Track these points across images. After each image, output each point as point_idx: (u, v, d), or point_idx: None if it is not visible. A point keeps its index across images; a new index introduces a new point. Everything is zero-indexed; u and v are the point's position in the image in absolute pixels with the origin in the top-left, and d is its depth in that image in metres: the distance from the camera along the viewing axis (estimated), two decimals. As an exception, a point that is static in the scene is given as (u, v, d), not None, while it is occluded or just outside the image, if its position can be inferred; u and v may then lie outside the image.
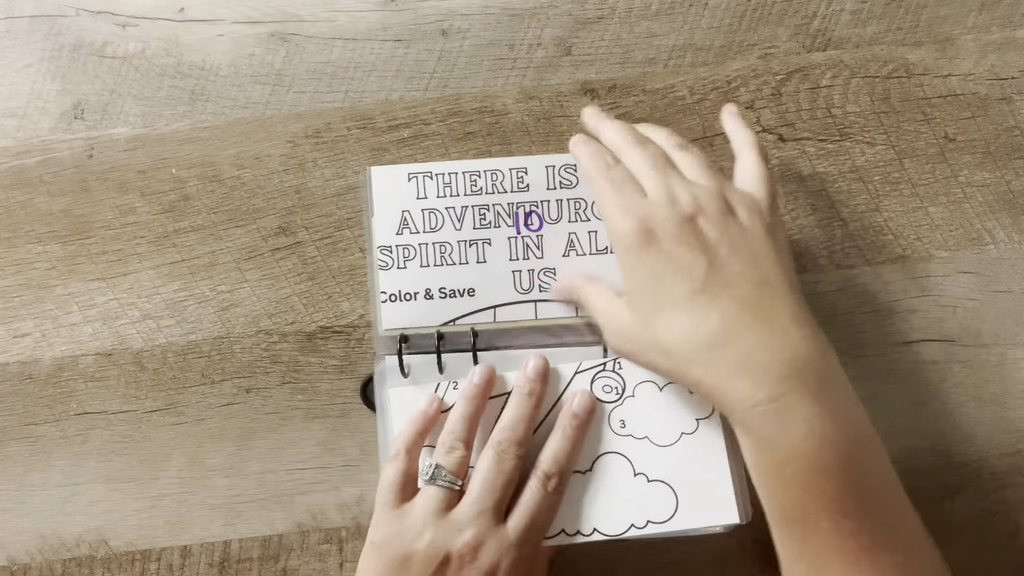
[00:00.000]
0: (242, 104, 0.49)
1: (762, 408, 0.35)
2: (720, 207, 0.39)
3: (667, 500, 0.41)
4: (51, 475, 0.46)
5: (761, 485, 0.37)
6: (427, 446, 0.42)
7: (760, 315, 0.36)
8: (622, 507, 0.41)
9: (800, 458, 0.34)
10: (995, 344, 0.48)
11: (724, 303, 0.36)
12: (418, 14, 0.50)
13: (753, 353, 0.35)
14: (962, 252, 0.49)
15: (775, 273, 0.37)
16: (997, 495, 0.46)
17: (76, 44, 0.50)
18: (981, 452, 0.46)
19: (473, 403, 0.42)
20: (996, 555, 0.46)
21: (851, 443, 0.35)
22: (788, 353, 0.35)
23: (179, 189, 0.49)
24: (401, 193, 0.44)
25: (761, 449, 0.36)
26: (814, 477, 0.34)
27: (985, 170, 0.49)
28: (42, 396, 0.47)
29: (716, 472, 0.41)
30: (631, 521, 0.41)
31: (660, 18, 0.51)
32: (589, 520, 0.41)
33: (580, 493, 0.41)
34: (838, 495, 0.34)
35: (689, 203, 0.38)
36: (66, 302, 0.48)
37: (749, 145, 0.42)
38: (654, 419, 0.42)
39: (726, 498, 0.41)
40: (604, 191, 0.40)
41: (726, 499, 0.41)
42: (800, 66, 0.50)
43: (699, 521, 0.41)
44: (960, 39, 0.51)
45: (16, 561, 0.46)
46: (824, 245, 0.48)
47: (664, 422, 0.42)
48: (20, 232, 0.48)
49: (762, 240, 0.38)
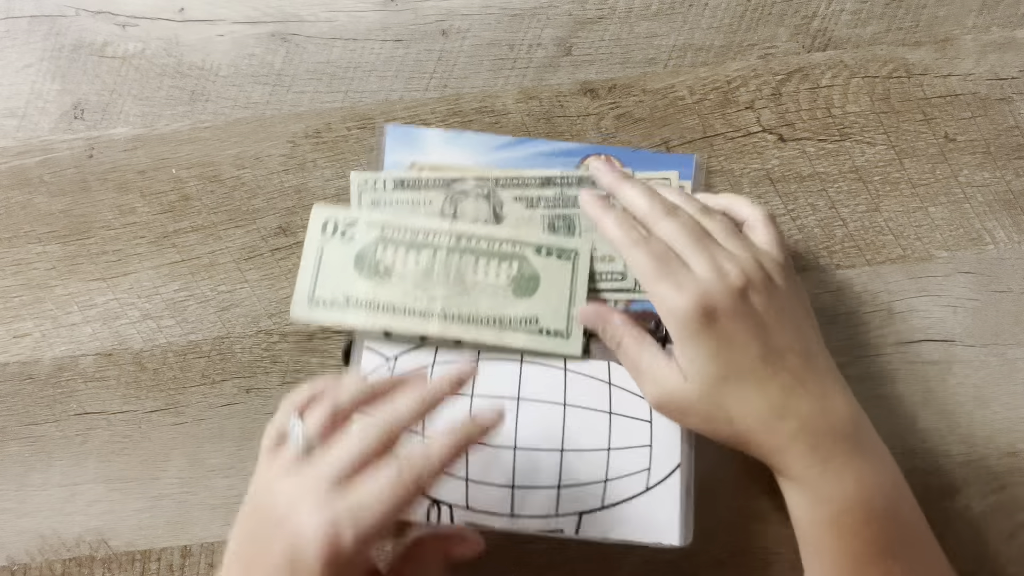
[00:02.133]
0: (242, 104, 0.49)
1: (820, 468, 0.38)
2: (763, 276, 0.41)
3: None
4: (51, 475, 0.46)
5: (812, 537, 0.39)
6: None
7: (811, 386, 0.39)
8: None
9: (854, 510, 0.38)
10: (995, 344, 0.48)
11: (782, 376, 0.39)
12: (418, 14, 0.50)
13: (810, 421, 0.39)
14: (962, 252, 0.49)
15: (814, 340, 0.41)
16: (997, 495, 0.46)
17: (76, 44, 0.50)
18: (981, 452, 0.46)
19: (383, 386, 0.40)
20: (996, 555, 0.45)
21: (894, 491, 0.39)
22: (837, 419, 0.39)
23: (179, 189, 0.49)
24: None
25: (816, 504, 0.39)
26: (866, 527, 0.38)
27: (985, 170, 0.49)
28: (42, 396, 0.47)
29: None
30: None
31: (660, 18, 0.51)
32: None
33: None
34: (888, 540, 0.38)
35: (738, 276, 0.40)
36: (66, 302, 0.48)
37: (751, 207, 0.44)
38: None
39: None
40: (649, 268, 0.41)
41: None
42: (800, 66, 0.50)
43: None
44: (960, 39, 0.51)
45: (16, 561, 0.46)
46: (824, 245, 0.48)
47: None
48: (20, 232, 0.48)
49: (798, 305, 0.42)
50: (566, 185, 0.46)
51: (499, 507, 0.42)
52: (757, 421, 0.39)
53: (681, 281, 0.40)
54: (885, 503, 0.38)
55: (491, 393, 0.44)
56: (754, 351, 0.39)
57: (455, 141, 0.47)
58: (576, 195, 0.46)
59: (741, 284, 0.40)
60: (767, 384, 0.39)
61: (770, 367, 0.39)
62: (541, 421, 0.43)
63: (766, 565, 0.45)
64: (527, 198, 0.46)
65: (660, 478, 0.43)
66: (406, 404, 0.37)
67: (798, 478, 0.39)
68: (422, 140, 0.47)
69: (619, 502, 0.42)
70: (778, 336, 0.40)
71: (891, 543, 0.38)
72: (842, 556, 0.38)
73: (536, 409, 0.43)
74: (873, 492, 0.38)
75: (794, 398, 0.39)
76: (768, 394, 0.39)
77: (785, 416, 0.39)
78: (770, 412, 0.39)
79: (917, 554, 0.39)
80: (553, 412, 0.43)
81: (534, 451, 0.43)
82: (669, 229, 0.42)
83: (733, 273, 0.40)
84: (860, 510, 0.38)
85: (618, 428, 0.43)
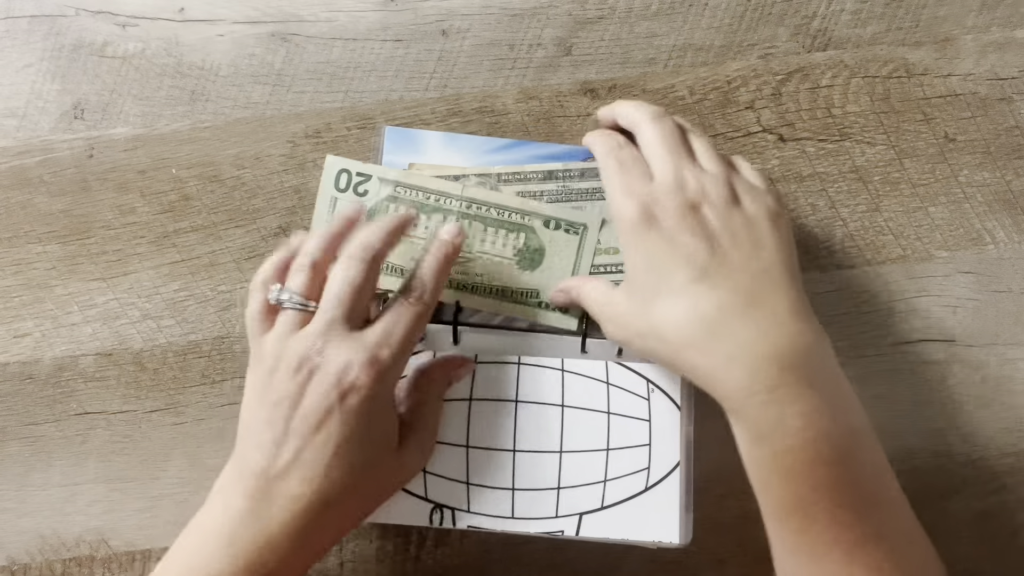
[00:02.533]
0: (242, 104, 0.49)
1: (760, 398, 0.35)
2: (726, 196, 0.39)
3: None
4: (51, 475, 0.46)
5: (757, 476, 0.37)
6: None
7: (758, 305, 0.36)
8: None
9: (798, 449, 0.35)
10: (995, 344, 0.48)
11: (722, 292, 0.36)
12: (418, 14, 0.50)
13: (750, 343, 0.35)
14: (962, 252, 0.49)
15: (776, 263, 0.38)
16: (997, 495, 0.46)
17: (76, 44, 0.50)
18: (981, 452, 0.46)
19: (340, 225, 0.41)
20: (996, 555, 0.45)
21: (848, 435, 0.35)
22: (786, 344, 0.35)
23: (179, 189, 0.49)
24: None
25: (758, 439, 0.36)
26: (812, 468, 0.35)
27: (985, 170, 0.49)
28: (42, 396, 0.47)
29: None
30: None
31: (660, 18, 0.51)
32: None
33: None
34: (835, 486, 0.35)
35: (695, 190, 0.39)
36: (66, 302, 0.48)
37: (742, 159, 0.43)
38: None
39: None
40: (611, 171, 0.41)
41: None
42: (800, 66, 0.50)
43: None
44: (960, 39, 0.51)
45: (16, 561, 0.46)
46: (824, 245, 0.48)
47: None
48: (20, 232, 0.48)
49: (766, 231, 0.38)
50: (568, 179, 0.46)
51: (500, 509, 0.42)
52: (690, 338, 0.36)
53: (634, 186, 0.39)
54: (836, 449, 0.35)
55: (489, 395, 0.44)
56: (698, 263, 0.37)
57: (453, 144, 0.47)
58: (578, 189, 0.46)
59: (695, 198, 0.38)
60: (702, 300, 0.36)
61: (709, 283, 0.37)
62: (540, 423, 0.43)
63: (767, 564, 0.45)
64: (529, 193, 0.46)
65: (659, 477, 0.43)
66: (373, 235, 0.40)
67: (739, 410, 0.36)
68: (420, 142, 0.47)
69: (619, 502, 0.42)
70: (730, 254, 0.37)
71: (841, 491, 0.35)
72: (787, 498, 0.35)
73: (534, 411, 0.43)
74: (821, 433, 0.35)
75: (734, 319, 0.36)
76: (704, 309, 0.36)
77: (720, 335, 0.36)
78: (704, 330, 0.36)
79: (874, 505, 0.35)
80: (551, 413, 0.43)
81: (533, 453, 0.43)
82: (650, 134, 0.41)
83: (692, 186, 0.39)
84: (804, 452, 0.35)
85: (617, 428, 0.43)
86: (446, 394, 0.44)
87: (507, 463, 0.43)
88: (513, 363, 0.44)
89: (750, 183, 0.40)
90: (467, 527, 0.42)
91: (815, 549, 0.35)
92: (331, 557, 0.46)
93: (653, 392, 0.44)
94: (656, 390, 0.44)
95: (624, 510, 0.42)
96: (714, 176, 0.39)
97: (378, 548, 0.46)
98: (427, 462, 0.43)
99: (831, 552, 0.35)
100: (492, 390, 0.44)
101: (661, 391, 0.44)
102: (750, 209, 0.39)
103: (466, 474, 0.43)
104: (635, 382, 0.44)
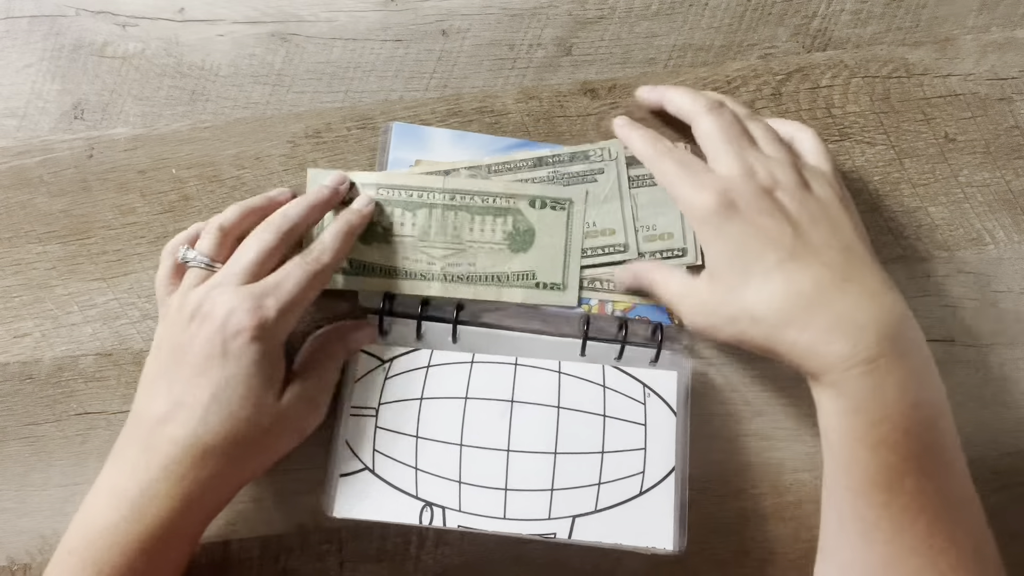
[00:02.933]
0: (242, 104, 0.49)
1: (860, 369, 0.35)
2: (796, 180, 0.40)
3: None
4: (51, 475, 0.46)
5: (845, 449, 0.36)
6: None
7: (851, 279, 0.37)
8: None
9: (892, 419, 0.35)
10: (995, 344, 0.48)
11: (815, 268, 0.37)
12: (418, 14, 0.50)
13: (850, 314, 0.36)
14: (962, 252, 0.49)
15: (856, 241, 0.39)
16: (997, 495, 0.46)
17: (76, 44, 0.50)
18: (981, 452, 0.46)
19: (260, 201, 0.44)
20: (996, 555, 0.45)
21: (934, 407, 0.36)
22: (883, 315, 0.36)
23: (179, 189, 0.49)
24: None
25: (853, 411, 0.36)
26: (904, 439, 0.35)
27: (985, 170, 0.49)
28: (42, 396, 0.47)
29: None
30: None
31: (660, 18, 0.51)
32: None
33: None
34: (924, 455, 0.35)
35: (766, 176, 0.39)
36: (66, 302, 0.48)
37: (801, 128, 0.44)
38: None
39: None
40: (672, 173, 0.41)
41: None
42: (800, 66, 0.50)
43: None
44: (960, 39, 0.51)
45: (16, 561, 0.46)
46: (824, 245, 0.48)
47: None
48: (20, 232, 0.48)
49: (839, 211, 0.39)
50: (559, 163, 0.46)
51: (492, 510, 0.42)
52: (787, 315, 0.36)
53: (703, 180, 0.40)
54: (924, 420, 0.35)
55: (485, 395, 0.44)
56: (785, 244, 0.37)
57: (460, 141, 0.48)
58: (569, 172, 0.46)
59: (768, 184, 0.39)
60: (797, 276, 0.37)
61: (801, 261, 0.37)
62: (535, 424, 0.43)
63: (768, 565, 0.45)
64: (520, 181, 0.46)
65: (654, 482, 0.42)
66: (294, 208, 0.42)
67: (836, 383, 0.36)
68: (427, 139, 0.48)
69: (613, 506, 0.42)
70: (812, 234, 0.38)
71: (928, 460, 0.36)
72: (876, 469, 0.35)
73: (530, 412, 0.43)
74: (918, 401, 0.35)
75: (831, 291, 0.36)
76: (799, 286, 0.37)
77: (818, 309, 0.36)
78: (801, 305, 0.36)
79: (953, 475, 0.36)
80: (547, 415, 0.43)
81: (528, 454, 0.43)
82: (708, 126, 0.42)
83: (762, 173, 0.39)
84: (902, 419, 0.35)
85: (612, 431, 0.43)
86: (441, 392, 0.44)
87: (501, 463, 0.43)
88: (511, 363, 0.44)
89: (813, 167, 0.41)
90: (458, 526, 0.42)
91: (901, 518, 0.35)
92: (331, 557, 0.46)
93: (649, 397, 0.44)
94: (652, 395, 0.44)
95: (618, 514, 0.42)
96: (779, 161, 0.40)
97: (378, 548, 0.46)
98: (316, 421, 0.42)
99: (916, 522, 0.35)
100: (488, 390, 0.44)
101: (657, 396, 0.44)
102: (820, 192, 0.40)
103: (459, 473, 0.43)
104: (632, 386, 0.44)
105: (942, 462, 0.36)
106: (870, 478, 0.36)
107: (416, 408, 0.43)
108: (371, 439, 0.43)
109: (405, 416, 0.43)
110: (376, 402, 0.44)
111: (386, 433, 0.43)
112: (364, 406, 0.44)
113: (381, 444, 0.43)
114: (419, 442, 0.43)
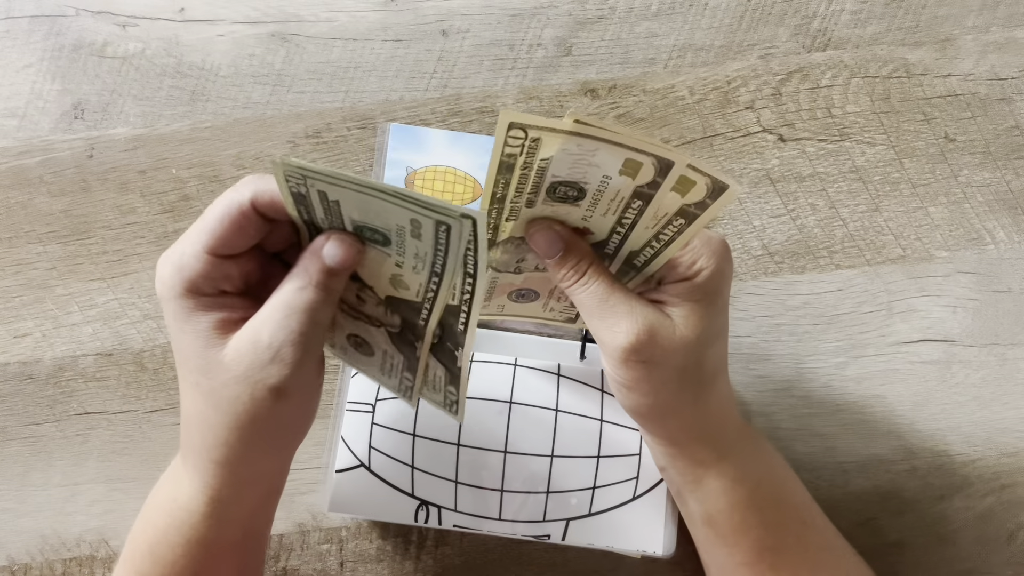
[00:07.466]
0: (242, 104, 0.49)
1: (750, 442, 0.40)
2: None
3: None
4: (51, 475, 0.46)
5: (735, 522, 0.39)
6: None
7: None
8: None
9: (779, 481, 0.40)
10: (995, 344, 0.48)
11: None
12: (418, 14, 0.50)
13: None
14: (962, 252, 0.49)
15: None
16: (997, 495, 0.46)
17: (76, 44, 0.50)
18: (981, 452, 0.47)
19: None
20: (996, 555, 0.45)
21: (782, 468, 0.41)
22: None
23: (179, 189, 0.49)
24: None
25: (738, 481, 0.39)
26: (786, 495, 0.40)
27: (985, 170, 0.49)
28: (42, 396, 0.47)
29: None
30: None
31: (660, 18, 0.51)
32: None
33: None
34: (802, 506, 0.40)
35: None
36: (66, 302, 0.48)
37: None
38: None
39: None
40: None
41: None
42: (800, 66, 0.50)
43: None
44: (960, 39, 0.51)
45: (16, 561, 0.46)
46: (824, 245, 0.48)
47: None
48: (20, 232, 0.48)
49: None
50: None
51: (487, 510, 0.42)
52: (726, 396, 0.38)
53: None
54: (793, 477, 0.40)
55: (484, 395, 0.44)
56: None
57: (457, 142, 0.47)
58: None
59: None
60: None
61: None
62: (532, 426, 0.43)
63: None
64: None
65: (647, 487, 0.43)
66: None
67: (727, 455, 0.38)
68: (425, 140, 0.47)
69: (606, 509, 0.42)
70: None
71: (808, 511, 0.40)
72: (764, 535, 0.38)
73: (528, 413, 0.43)
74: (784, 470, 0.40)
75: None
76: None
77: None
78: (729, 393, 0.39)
79: (822, 526, 0.40)
80: (545, 417, 0.43)
81: (524, 455, 0.43)
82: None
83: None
84: (781, 474, 0.40)
85: (608, 436, 0.43)
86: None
87: (497, 464, 0.43)
88: (510, 364, 0.44)
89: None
90: (453, 526, 0.42)
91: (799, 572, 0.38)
92: (331, 557, 0.46)
93: None
94: None
95: (611, 518, 0.42)
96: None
97: (378, 548, 0.46)
98: (281, 372, 0.31)
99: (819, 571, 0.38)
100: (487, 390, 0.44)
101: None
102: None
103: (455, 473, 0.43)
104: None
105: (813, 512, 0.40)
106: (759, 545, 0.38)
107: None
108: (367, 435, 0.43)
109: (402, 413, 0.43)
110: (373, 398, 0.43)
111: (383, 430, 0.43)
112: (361, 401, 0.44)
113: (377, 441, 0.43)
114: (416, 440, 0.43)
